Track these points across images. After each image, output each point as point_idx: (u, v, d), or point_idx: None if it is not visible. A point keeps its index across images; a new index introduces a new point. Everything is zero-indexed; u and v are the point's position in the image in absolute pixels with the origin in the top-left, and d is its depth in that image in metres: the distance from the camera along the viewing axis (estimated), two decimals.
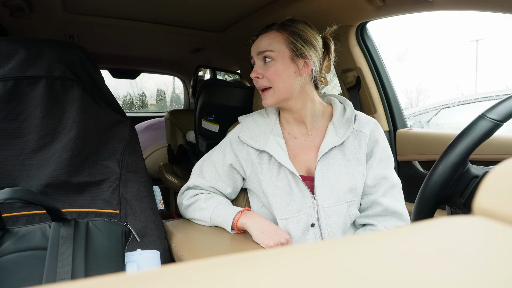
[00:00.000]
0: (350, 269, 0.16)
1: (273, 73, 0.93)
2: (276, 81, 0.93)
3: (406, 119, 1.54)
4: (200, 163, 1.07)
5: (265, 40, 0.94)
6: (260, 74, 0.94)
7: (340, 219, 0.92)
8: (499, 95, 2.83)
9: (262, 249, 0.85)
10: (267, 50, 0.93)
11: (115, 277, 0.16)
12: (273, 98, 0.94)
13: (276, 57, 0.92)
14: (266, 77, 0.94)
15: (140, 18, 1.73)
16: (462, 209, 0.64)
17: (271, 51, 0.93)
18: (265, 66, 0.94)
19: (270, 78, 0.93)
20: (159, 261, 0.80)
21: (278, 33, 0.94)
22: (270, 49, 0.93)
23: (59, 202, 0.82)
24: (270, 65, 0.93)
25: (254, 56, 0.97)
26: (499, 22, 39.35)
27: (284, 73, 0.92)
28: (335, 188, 0.92)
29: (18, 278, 0.63)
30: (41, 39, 0.86)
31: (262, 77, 0.95)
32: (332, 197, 0.92)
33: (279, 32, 0.94)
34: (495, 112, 0.60)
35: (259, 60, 0.96)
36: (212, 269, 0.16)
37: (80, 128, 0.86)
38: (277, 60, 0.92)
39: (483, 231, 0.19)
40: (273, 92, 0.94)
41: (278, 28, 0.94)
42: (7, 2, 1.34)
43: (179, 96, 7.81)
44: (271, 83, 0.93)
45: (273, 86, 0.93)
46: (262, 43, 0.94)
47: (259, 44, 0.95)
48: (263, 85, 0.95)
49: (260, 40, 0.95)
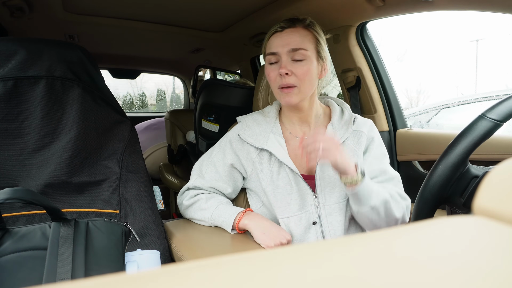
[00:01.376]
0: (350, 269, 0.16)
1: (305, 72, 0.89)
2: (305, 81, 0.90)
3: (406, 119, 1.54)
4: (199, 163, 1.06)
5: (297, 37, 0.89)
6: (289, 70, 0.89)
7: (341, 217, 0.94)
8: (499, 95, 2.83)
9: (262, 249, 0.85)
10: (301, 48, 0.89)
11: (115, 277, 0.16)
12: (298, 97, 0.91)
13: (308, 56, 0.90)
14: (295, 75, 0.89)
15: (140, 18, 1.73)
16: (462, 209, 0.64)
17: (305, 50, 0.89)
18: (294, 63, 0.90)
19: (301, 77, 0.89)
20: (159, 261, 0.80)
21: (307, 31, 0.91)
22: (304, 47, 0.89)
23: (59, 202, 0.82)
24: (303, 64, 0.89)
25: (282, 53, 0.90)
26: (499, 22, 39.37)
27: (312, 74, 0.91)
28: (335, 186, 0.94)
29: (18, 278, 0.63)
30: (41, 39, 0.86)
31: (291, 74, 0.89)
32: (333, 195, 0.94)
33: (308, 30, 0.91)
34: (495, 112, 0.60)
35: (287, 56, 0.90)
36: (212, 269, 0.16)
37: (80, 128, 0.86)
38: (308, 60, 0.90)
39: (483, 231, 0.19)
40: (298, 91, 0.91)
41: (306, 27, 0.91)
42: (7, 2, 1.34)
43: (179, 96, 7.81)
44: (299, 82, 0.90)
45: (300, 85, 0.90)
46: (294, 40, 0.89)
47: (290, 40, 0.89)
48: (289, 83, 0.90)
49: (290, 35, 0.90)
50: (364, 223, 0.94)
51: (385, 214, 0.90)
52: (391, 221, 0.92)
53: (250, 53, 2.20)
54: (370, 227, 0.94)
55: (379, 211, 0.89)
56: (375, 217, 0.89)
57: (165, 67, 3.11)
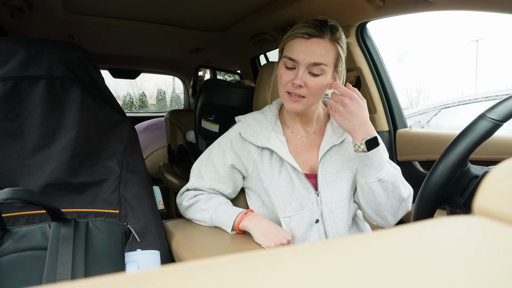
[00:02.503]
0: (349, 270, 0.16)
1: (318, 87, 0.88)
2: (316, 94, 0.89)
3: (406, 119, 1.54)
4: (198, 163, 1.06)
5: (321, 50, 0.86)
6: (303, 82, 0.87)
7: (343, 214, 0.95)
8: (499, 95, 2.82)
9: (262, 249, 0.85)
10: (323, 63, 0.86)
11: (115, 277, 0.16)
12: (304, 106, 0.91)
13: (326, 71, 0.87)
14: (308, 88, 0.87)
15: (140, 18, 1.73)
16: (462, 209, 0.64)
17: (325, 65, 0.86)
18: (310, 76, 0.87)
19: (312, 91, 0.88)
20: (159, 261, 0.80)
21: (333, 46, 0.87)
22: (325, 63, 0.86)
23: (59, 202, 0.82)
24: (319, 79, 0.87)
25: (301, 63, 0.86)
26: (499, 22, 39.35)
27: (324, 87, 0.90)
28: (337, 184, 0.95)
29: (18, 278, 0.63)
30: (41, 39, 0.86)
31: (304, 86, 0.87)
32: (335, 193, 0.94)
33: (334, 44, 0.87)
34: (495, 112, 0.60)
35: (306, 68, 0.87)
36: (212, 269, 0.16)
37: (80, 128, 0.86)
38: (325, 75, 0.88)
39: (483, 231, 0.19)
40: (306, 101, 0.90)
41: (334, 40, 0.87)
42: (7, 2, 1.34)
43: (179, 96, 7.81)
44: (309, 94, 0.88)
45: (309, 97, 0.89)
46: (317, 53, 0.86)
47: (313, 53, 0.85)
48: (300, 93, 0.88)
49: (315, 47, 0.86)
50: (368, 202, 0.91)
51: (392, 191, 0.89)
52: (396, 201, 0.91)
53: (250, 53, 2.20)
54: (374, 206, 0.91)
55: (386, 186, 0.88)
56: (381, 193, 0.88)
57: (165, 67, 3.11)
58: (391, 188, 0.88)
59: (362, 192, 0.92)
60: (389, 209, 0.91)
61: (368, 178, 0.88)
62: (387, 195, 0.89)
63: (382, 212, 0.92)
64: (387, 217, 0.93)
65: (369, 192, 0.89)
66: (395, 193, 0.89)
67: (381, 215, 0.93)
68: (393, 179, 0.89)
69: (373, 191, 0.89)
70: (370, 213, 0.94)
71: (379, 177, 0.87)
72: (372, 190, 0.88)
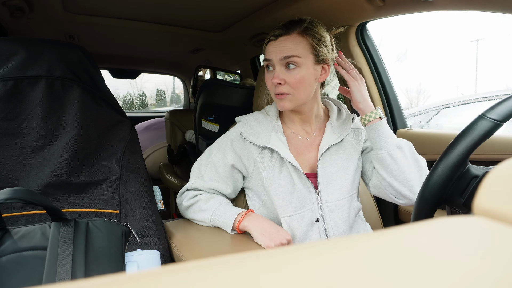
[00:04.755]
0: (349, 270, 0.16)
1: (297, 80, 0.89)
2: (299, 88, 0.90)
3: (406, 119, 1.54)
4: (198, 163, 1.05)
5: (289, 44, 0.88)
6: (282, 80, 0.89)
7: (343, 213, 0.96)
8: (499, 95, 2.82)
9: (262, 249, 0.85)
10: (293, 55, 0.88)
11: (115, 277, 0.16)
12: (292, 103, 0.92)
13: (302, 63, 0.89)
14: (288, 84, 0.89)
15: (140, 18, 1.73)
16: (462, 209, 0.64)
17: (297, 57, 0.88)
18: (287, 72, 0.89)
19: (293, 86, 0.89)
20: (159, 261, 0.80)
21: (302, 38, 0.89)
22: (296, 55, 0.88)
23: (59, 202, 0.82)
24: (295, 72, 0.89)
25: (275, 61, 0.90)
26: (499, 22, 39.36)
27: (307, 80, 0.90)
28: (337, 184, 0.96)
29: (18, 278, 0.63)
30: (41, 39, 0.86)
31: (284, 83, 0.90)
32: (335, 192, 0.95)
33: (303, 36, 0.89)
34: (495, 112, 0.60)
35: (280, 65, 0.90)
36: (212, 269, 0.16)
37: (80, 128, 0.86)
38: (302, 67, 0.89)
39: (483, 231, 0.19)
40: (292, 98, 0.91)
41: (301, 32, 0.89)
42: (7, 2, 1.34)
43: (179, 96, 7.81)
44: (292, 90, 0.90)
45: (294, 93, 0.90)
46: (286, 48, 0.88)
47: (282, 48, 0.89)
48: (282, 91, 0.90)
49: (283, 43, 0.89)
50: (393, 173, 0.90)
51: (411, 156, 0.92)
52: (417, 168, 0.92)
53: (250, 53, 2.20)
54: (400, 176, 0.90)
55: (405, 152, 0.91)
56: (403, 160, 0.89)
57: (165, 67, 3.11)
58: (409, 153, 0.92)
59: (383, 165, 0.91)
60: (414, 177, 0.90)
61: (387, 147, 0.90)
62: (407, 161, 0.90)
63: (409, 182, 0.90)
64: (415, 188, 0.90)
65: (392, 162, 0.89)
66: (414, 158, 0.92)
67: (409, 186, 0.90)
68: (408, 144, 0.93)
69: (395, 159, 0.89)
70: (398, 186, 0.91)
71: (397, 144, 0.91)
72: (394, 158, 0.89)
